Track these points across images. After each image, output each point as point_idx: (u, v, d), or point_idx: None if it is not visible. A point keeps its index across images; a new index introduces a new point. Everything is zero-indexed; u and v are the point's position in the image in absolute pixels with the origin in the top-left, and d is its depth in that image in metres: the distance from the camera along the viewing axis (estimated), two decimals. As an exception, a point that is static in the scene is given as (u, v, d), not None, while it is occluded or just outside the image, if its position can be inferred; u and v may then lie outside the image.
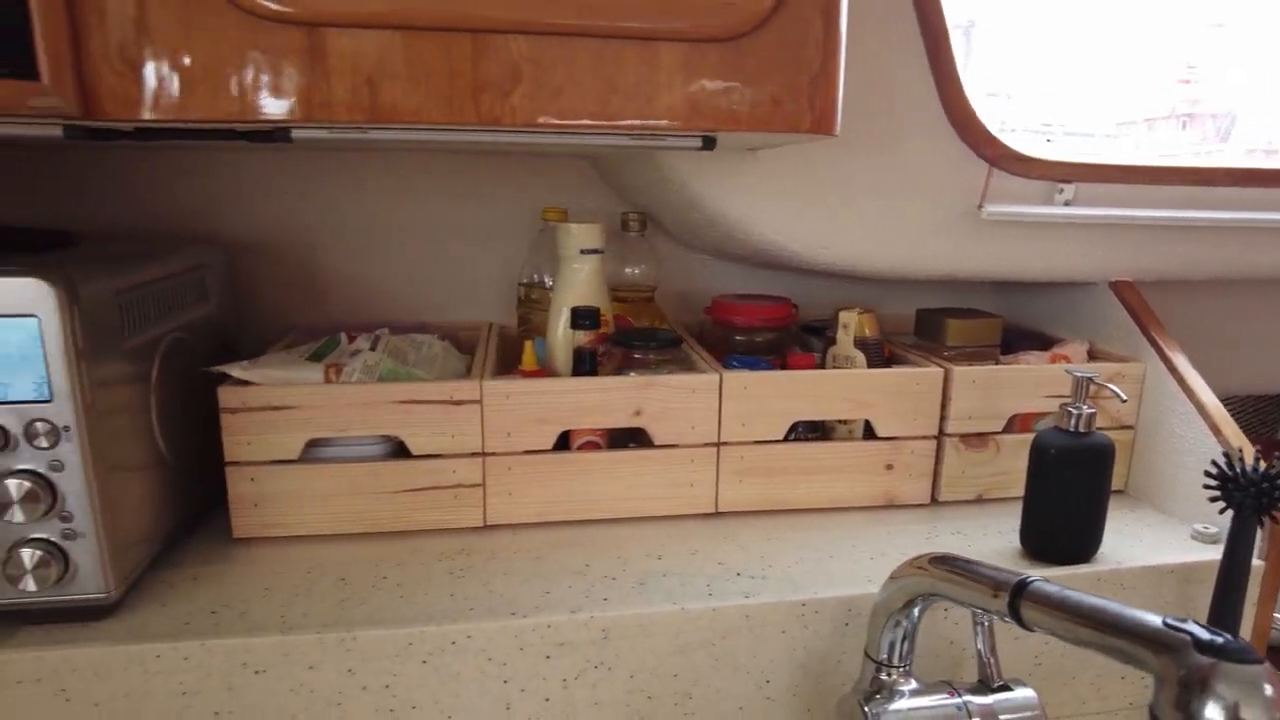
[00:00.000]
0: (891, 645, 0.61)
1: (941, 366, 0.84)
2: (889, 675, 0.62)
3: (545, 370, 0.84)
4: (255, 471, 0.74)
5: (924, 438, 0.84)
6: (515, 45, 0.53)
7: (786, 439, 0.82)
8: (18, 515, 0.58)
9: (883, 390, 0.82)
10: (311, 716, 0.62)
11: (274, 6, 0.49)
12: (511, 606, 0.65)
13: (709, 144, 0.61)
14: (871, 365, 0.85)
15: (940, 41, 0.80)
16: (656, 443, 0.79)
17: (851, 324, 0.85)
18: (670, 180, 0.81)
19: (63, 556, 0.60)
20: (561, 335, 0.84)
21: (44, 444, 0.58)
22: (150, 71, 0.50)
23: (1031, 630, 0.49)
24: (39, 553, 0.59)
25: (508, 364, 0.85)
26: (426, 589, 0.68)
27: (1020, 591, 0.49)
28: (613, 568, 0.72)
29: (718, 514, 0.82)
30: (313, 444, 0.75)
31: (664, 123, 0.56)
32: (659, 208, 0.94)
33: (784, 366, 0.87)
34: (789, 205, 0.82)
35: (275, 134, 0.56)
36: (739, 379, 0.79)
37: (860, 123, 0.79)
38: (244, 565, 0.72)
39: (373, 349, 0.79)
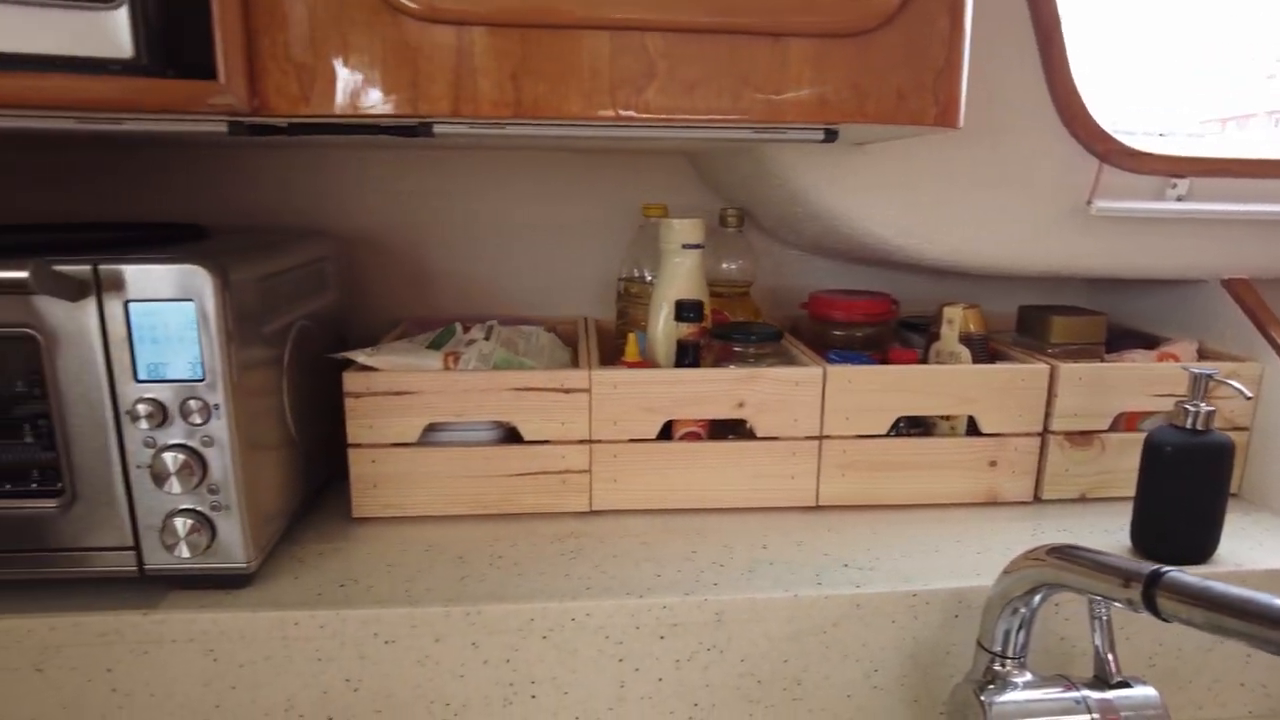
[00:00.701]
0: (1006, 636, 0.61)
1: (1047, 364, 0.83)
2: (1003, 666, 0.62)
3: (647, 361, 0.86)
4: (375, 453, 0.77)
5: (1028, 435, 0.83)
6: (651, 42, 0.54)
7: (887, 434, 0.82)
8: (175, 486, 0.62)
9: (988, 386, 0.82)
10: (436, 687, 0.65)
11: (426, 7, 0.52)
12: (625, 587, 0.67)
13: (830, 136, 0.62)
14: (976, 361, 0.85)
15: (1052, 34, 0.79)
16: (759, 435, 0.80)
17: (956, 319, 0.84)
18: (773, 175, 0.82)
19: (210, 527, 0.64)
20: (662, 328, 0.86)
21: (197, 420, 0.62)
22: (312, 70, 0.53)
23: (1167, 621, 0.49)
24: (190, 521, 0.63)
25: (606, 357, 0.87)
26: (541, 568, 0.70)
27: (1156, 581, 0.49)
28: (719, 555, 0.73)
29: (818, 507, 0.82)
30: (429, 428, 0.78)
31: (792, 116, 0.57)
32: (757, 203, 0.95)
33: (884, 362, 0.87)
34: (894, 199, 0.83)
35: (418, 129, 0.59)
36: (843, 373, 0.79)
37: (969, 116, 0.78)
38: (365, 543, 0.75)
39: (486, 339, 0.82)
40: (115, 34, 0.50)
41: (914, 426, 0.86)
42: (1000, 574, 0.62)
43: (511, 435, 0.79)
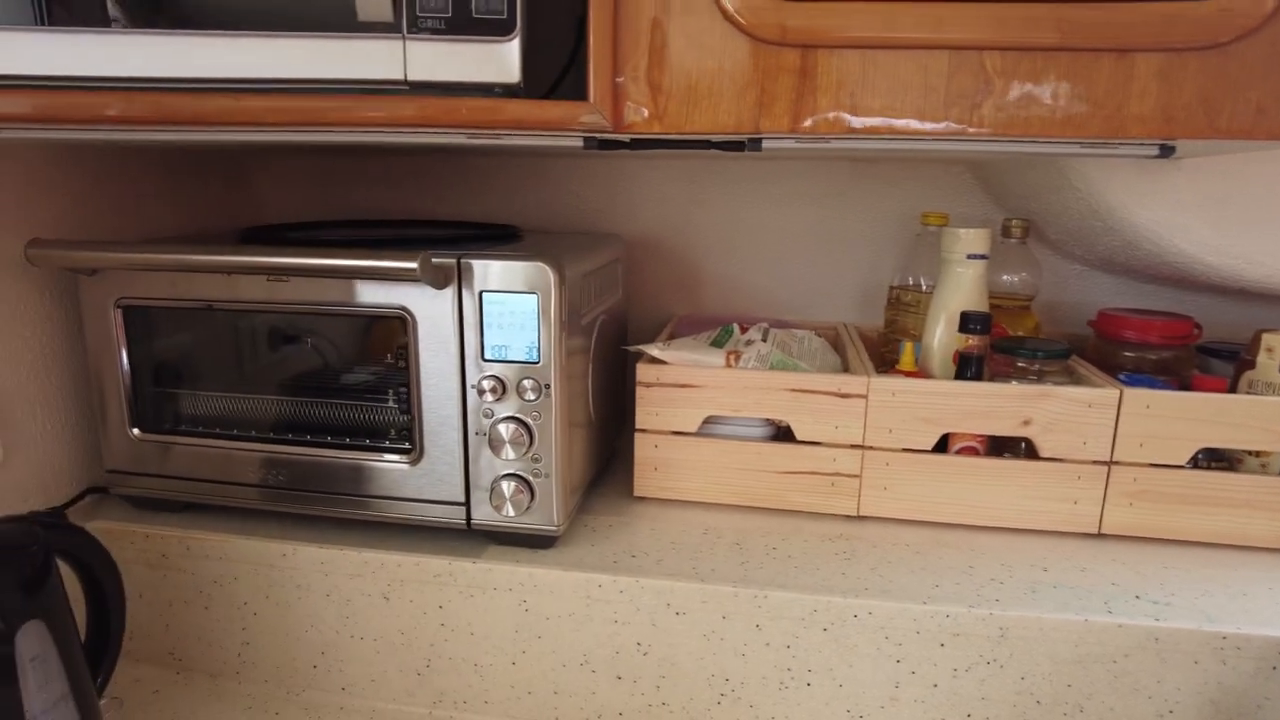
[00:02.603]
0: (1344, 697, 0.57)
1: (1390, 403, 0.75)
2: (1337, 729, 0.57)
3: (921, 371, 0.86)
4: (658, 439, 0.84)
5: (1359, 481, 0.75)
6: (990, 60, 0.55)
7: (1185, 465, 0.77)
8: (509, 453, 0.71)
9: (1312, 423, 0.75)
10: (718, 662, 0.70)
11: (777, 31, 0.56)
12: (905, 592, 0.68)
13: (1166, 152, 0.60)
14: (1298, 395, 0.78)
15: None
16: (1042, 455, 0.78)
17: (1277, 348, 0.78)
18: (1076, 188, 0.80)
19: (530, 490, 0.73)
20: (939, 338, 0.86)
21: (531, 397, 0.71)
22: (667, 92, 0.59)
23: None
24: (515, 484, 0.72)
25: (874, 363, 0.88)
26: (818, 564, 0.73)
27: None
28: (997, 572, 0.72)
29: (1100, 535, 0.79)
30: (707, 420, 0.83)
31: (1133, 132, 0.56)
32: (1046, 215, 0.92)
33: (1182, 388, 0.82)
34: (1210, 216, 0.77)
35: (746, 144, 0.63)
36: (1141, 397, 0.76)
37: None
38: (647, 520, 0.81)
39: (763, 340, 0.86)
40: (507, 62, 0.58)
41: (1214, 459, 0.80)
42: (1337, 628, 0.57)
43: (781, 434, 0.83)
